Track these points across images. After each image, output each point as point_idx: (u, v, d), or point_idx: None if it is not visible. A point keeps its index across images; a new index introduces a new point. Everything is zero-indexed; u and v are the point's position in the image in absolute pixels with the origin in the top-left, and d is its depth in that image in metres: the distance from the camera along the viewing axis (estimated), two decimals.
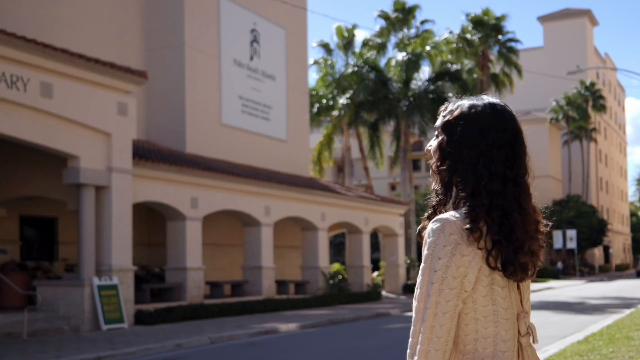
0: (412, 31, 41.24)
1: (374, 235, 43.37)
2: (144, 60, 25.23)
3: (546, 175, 71.05)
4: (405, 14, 41.17)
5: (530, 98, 73.29)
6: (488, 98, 2.17)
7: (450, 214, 2.00)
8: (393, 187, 65.34)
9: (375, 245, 45.74)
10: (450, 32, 41.65)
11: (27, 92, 15.42)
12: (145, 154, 19.93)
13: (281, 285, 25.97)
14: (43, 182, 18.44)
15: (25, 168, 18.54)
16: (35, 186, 18.82)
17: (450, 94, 36.32)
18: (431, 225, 1.99)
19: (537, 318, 20.15)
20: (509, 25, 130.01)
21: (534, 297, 31.79)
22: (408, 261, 34.99)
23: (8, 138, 15.67)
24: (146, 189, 19.31)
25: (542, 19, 78.83)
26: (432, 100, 35.19)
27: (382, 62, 39.18)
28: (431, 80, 36.28)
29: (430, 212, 2.12)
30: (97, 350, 12.78)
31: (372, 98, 35.77)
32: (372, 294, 28.39)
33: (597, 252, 72.95)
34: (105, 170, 17.34)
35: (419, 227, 2.14)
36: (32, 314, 16.05)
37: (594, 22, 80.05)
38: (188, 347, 14.07)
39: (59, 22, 21.78)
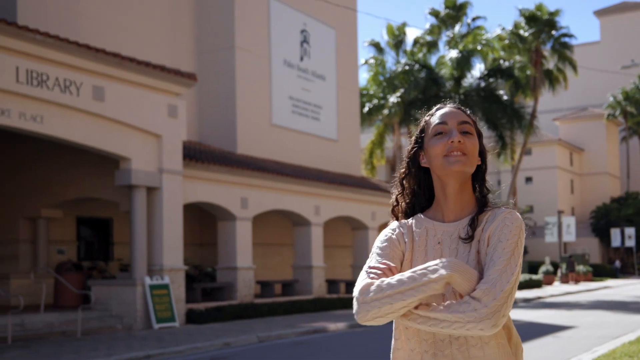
0: (463, 28, 40.91)
1: None
2: (195, 62, 25.58)
3: (604, 172, 69.62)
4: (456, 11, 40.83)
5: (586, 94, 71.92)
6: None
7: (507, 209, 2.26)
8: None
9: None
10: (503, 29, 41.12)
11: (79, 96, 15.79)
12: (196, 155, 20.21)
13: (332, 284, 26.04)
14: (97, 183, 18.84)
15: (81, 170, 18.97)
16: (90, 188, 19.25)
17: (502, 91, 35.91)
18: (513, 216, 2.20)
19: (591, 318, 19.81)
20: (563, 21, 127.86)
21: (591, 296, 31.20)
22: None
23: (62, 141, 16.06)
24: (197, 190, 19.57)
25: (599, 13, 77.27)
26: (484, 97, 34.85)
27: (433, 60, 38.95)
28: (483, 77, 35.91)
29: (496, 206, 2.30)
30: (146, 348, 13.03)
31: (422, 96, 35.57)
32: None
33: None
34: (156, 172, 17.64)
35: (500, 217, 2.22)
36: (86, 313, 16.43)
37: None
38: (236, 345, 14.24)
39: (112, 27, 22.22)
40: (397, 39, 41.06)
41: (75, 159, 18.50)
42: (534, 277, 38.80)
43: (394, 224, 2.36)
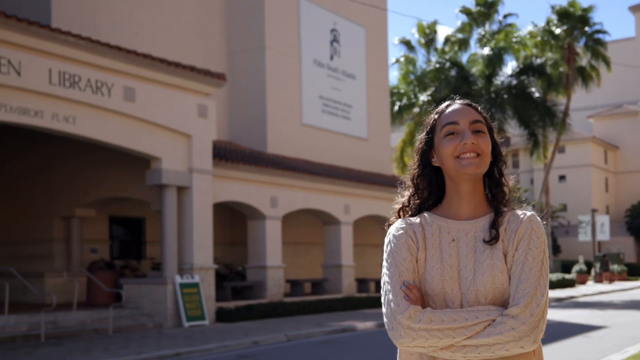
0: (495, 26, 40.61)
1: None
2: (226, 63, 25.76)
3: (639, 170, 68.66)
4: (487, 9, 40.55)
5: (621, 91, 70.96)
6: None
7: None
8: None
9: None
10: (535, 26, 40.78)
11: (111, 97, 16.01)
12: (226, 154, 20.36)
13: (361, 283, 26.05)
14: (129, 183, 19.08)
15: (113, 170, 19.22)
16: (123, 187, 19.50)
17: (534, 89, 35.61)
18: (538, 220, 2.18)
19: (623, 318, 19.59)
20: (596, 17, 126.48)
21: (625, 296, 30.83)
22: None
23: (94, 142, 16.29)
24: (226, 189, 19.72)
25: (634, 8, 76.13)
26: (515, 95, 34.59)
27: (464, 58, 38.74)
28: (514, 75, 35.64)
29: (513, 207, 2.28)
30: (176, 346, 13.18)
31: (453, 95, 35.35)
32: None
33: None
34: (187, 171, 17.81)
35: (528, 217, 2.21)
36: (118, 311, 16.66)
37: None
38: (264, 344, 14.33)
39: (144, 28, 22.48)
40: (428, 37, 40.92)
41: (108, 159, 18.75)
42: (567, 276, 38.42)
43: (401, 222, 2.28)
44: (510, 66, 36.98)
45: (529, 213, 2.20)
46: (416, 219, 2.28)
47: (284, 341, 14.88)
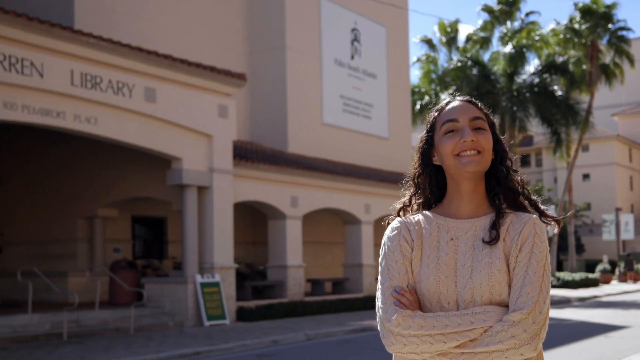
0: (517, 24, 40.36)
1: None
2: (247, 63, 25.86)
3: None
4: (509, 7, 40.32)
5: None
6: None
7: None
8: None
9: None
10: (557, 23, 40.48)
11: (132, 98, 16.14)
12: (246, 154, 20.44)
13: None
14: (151, 183, 19.23)
15: (135, 170, 19.37)
16: (144, 187, 19.65)
17: (556, 87, 35.37)
18: (541, 223, 2.15)
19: None
20: (620, 14, 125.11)
21: None
22: None
23: (115, 142, 16.44)
24: (247, 189, 19.80)
25: None
26: (537, 93, 34.38)
27: (486, 57, 38.56)
28: (537, 73, 35.42)
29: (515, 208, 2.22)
30: (196, 345, 13.27)
31: (475, 93, 35.26)
32: None
33: None
34: (207, 171, 17.91)
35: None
36: (139, 310, 16.79)
37: None
38: (284, 343, 14.39)
39: (166, 29, 22.64)
40: (449, 36, 40.78)
41: (130, 159, 18.90)
42: (591, 275, 38.10)
43: (396, 222, 2.25)
44: (532, 64, 36.73)
45: (533, 216, 2.16)
46: (414, 217, 2.25)
47: (303, 340, 14.93)
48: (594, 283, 37.23)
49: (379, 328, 2.11)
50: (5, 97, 13.81)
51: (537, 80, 35.02)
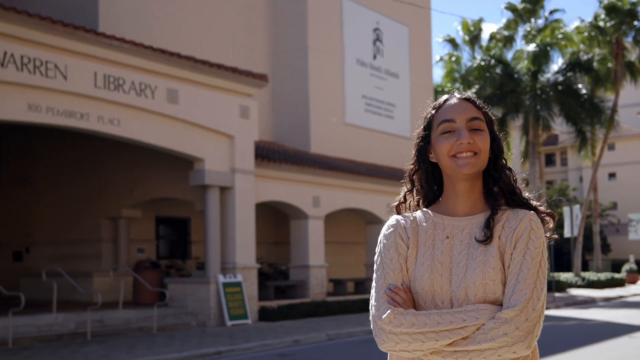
0: (541, 22, 40.09)
1: None
2: (269, 63, 25.96)
3: None
4: (533, 5, 40.05)
5: None
6: None
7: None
8: (527, 183, 63.56)
9: None
10: (582, 21, 40.13)
11: (154, 99, 16.28)
12: (268, 154, 20.52)
13: None
14: (174, 184, 19.36)
15: (158, 171, 19.52)
16: (168, 188, 19.80)
17: (581, 85, 35.08)
18: (538, 220, 2.12)
19: None
20: None
21: None
22: None
23: (138, 143, 16.58)
24: (269, 189, 19.87)
25: None
26: (562, 92, 34.12)
27: (510, 55, 38.34)
28: (561, 71, 35.15)
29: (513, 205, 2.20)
30: (218, 345, 13.35)
31: (499, 92, 35.09)
32: None
33: None
34: (229, 172, 18.00)
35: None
36: (162, 310, 16.93)
37: None
38: (305, 343, 14.43)
39: (189, 31, 22.78)
40: (472, 35, 40.60)
41: (153, 160, 19.05)
42: (617, 275, 37.76)
43: (393, 219, 2.24)
44: (556, 63, 36.44)
45: (529, 212, 2.12)
46: (410, 215, 2.24)
47: (325, 340, 14.96)
48: (619, 283, 36.90)
49: (371, 326, 2.11)
50: (29, 99, 13.99)
51: (561, 78, 34.75)
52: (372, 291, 2.15)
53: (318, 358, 12.54)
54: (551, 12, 40.92)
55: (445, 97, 2.25)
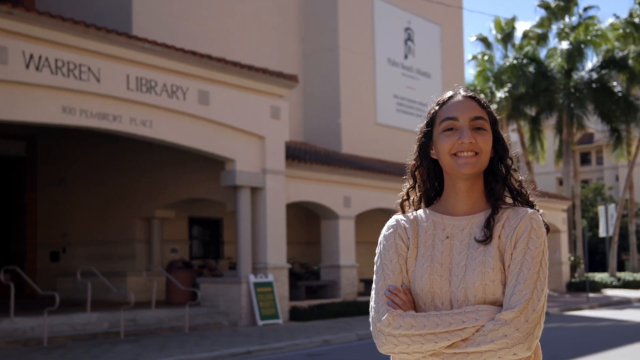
0: (574, 19, 39.64)
1: None
2: (301, 64, 26.06)
3: None
4: (566, 2, 39.58)
5: None
6: None
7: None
8: (561, 182, 63.02)
9: None
10: (617, 17, 39.61)
11: (186, 101, 16.44)
12: (299, 155, 20.60)
13: None
14: (206, 184, 19.53)
15: (191, 172, 19.71)
16: (200, 189, 19.99)
17: (615, 83, 34.65)
18: (539, 219, 2.08)
19: None
20: None
21: None
22: (572, 258, 33.75)
23: (170, 145, 16.76)
24: (300, 189, 19.95)
25: None
26: (596, 90, 33.74)
27: (543, 54, 38.00)
28: (595, 69, 34.76)
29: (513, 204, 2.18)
30: (248, 344, 13.46)
31: (532, 91, 34.81)
32: None
33: None
34: (260, 172, 18.11)
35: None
36: (194, 310, 17.09)
37: None
38: (335, 343, 14.47)
39: (221, 32, 22.96)
40: (505, 33, 40.29)
41: (186, 161, 19.24)
42: None
43: (394, 219, 2.24)
44: (590, 60, 36.02)
45: (530, 210, 2.09)
46: (411, 215, 2.22)
47: (355, 340, 14.99)
48: None
49: (371, 328, 2.10)
50: (64, 102, 14.23)
51: (595, 76, 34.37)
52: (372, 293, 2.14)
53: (347, 358, 12.57)
54: (585, 9, 40.43)
55: (449, 93, 2.22)
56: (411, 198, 2.29)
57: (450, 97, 2.19)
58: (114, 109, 15.11)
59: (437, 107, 2.21)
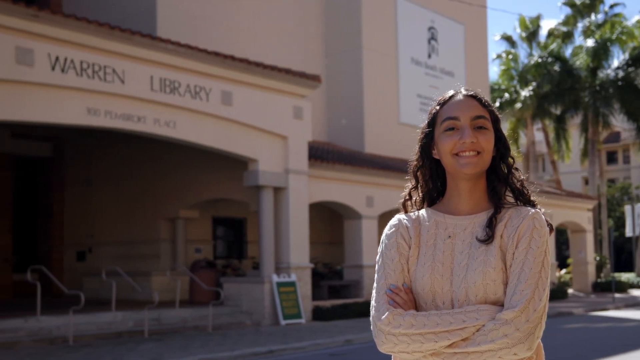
0: (600, 16, 39.29)
1: (563, 232, 41.77)
2: (324, 64, 26.10)
3: None
4: None
5: None
6: None
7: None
8: (587, 181, 62.46)
9: (566, 243, 44.06)
10: None
11: (209, 101, 16.55)
12: (322, 155, 20.63)
13: None
14: (229, 185, 19.64)
15: (214, 172, 19.83)
16: (223, 189, 20.11)
17: None
18: (542, 218, 2.07)
19: None
20: None
21: None
22: (598, 258, 33.45)
23: (193, 145, 16.88)
24: (322, 189, 19.98)
25: None
26: (622, 88, 33.42)
27: (568, 52, 37.70)
28: (621, 67, 34.42)
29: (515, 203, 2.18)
30: (270, 344, 13.52)
31: (556, 89, 34.56)
32: (557, 292, 27.46)
33: None
34: (283, 172, 18.18)
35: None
36: (218, 309, 17.20)
37: None
38: (357, 342, 14.48)
39: (245, 33, 23.05)
40: (530, 31, 40.04)
41: (209, 161, 19.36)
42: None
43: (396, 219, 2.24)
44: (616, 58, 35.69)
45: (533, 210, 2.08)
46: (414, 214, 2.22)
47: None
48: None
49: (371, 327, 2.10)
50: (88, 103, 14.40)
51: (621, 74, 34.07)
52: (373, 292, 2.15)
53: (369, 358, 12.59)
54: (611, 7, 40.06)
55: (450, 92, 2.20)
56: (414, 198, 2.28)
57: (451, 97, 2.18)
58: (138, 110, 15.25)
59: (438, 107, 2.20)
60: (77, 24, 14.07)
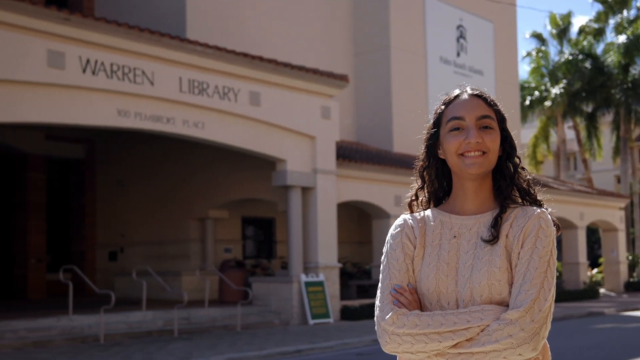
0: (633, 12, 38.77)
1: (595, 231, 41.32)
2: (352, 64, 26.12)
3: None
4: None
5: None
6: None
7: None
8: (619, 180, 61.66)
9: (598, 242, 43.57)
10: None
11: (237, 102, 16.66)
12: (350, 154, 20.66)
13: None
14: (258, 185, 19.76)
15: (243, 172, 19.95)
16: (252, 189, 20.23)
17: None
18: (548, 218, 2.07)
19: None
20: None
21: None
22: (630, 257, 33.05)
23: (222, 146, 17.01)
24: (350, 189, 20.01)
25: None
26: None
27: (599, 49, 37.29)
28: None
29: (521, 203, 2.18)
30: (298, 343, 13.59)
31: (587, 87, 34.21)
32: (589, 292, 27.20)
33: None
34: (311, 172, 18.24)
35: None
36: (247, 309, 17.31)
37: None
38: None
39: (274, 34, 23.19)
40: (561, 29, 39.65)
41: (238, 162, 19.48)
42: None
43: (401, 219, 2.23)
44: None
45: (539, 209, 2.07)
46: (419, 214, 2.21)
47: None
48: None
49: (375, 327, 2.11)
50: (119, 105, 14.59)
51: None
52: (378, 292, 2.15)
53: (394, 357, 12.59)
54: None
55: (456, 92, 2.19)
56: (420, 198, 2.28)
57: (457, 96, 2.18)
58: (167, 111, 15.41)
59: (443, 107, 2.20)
60: (107, 27, 14.26)
